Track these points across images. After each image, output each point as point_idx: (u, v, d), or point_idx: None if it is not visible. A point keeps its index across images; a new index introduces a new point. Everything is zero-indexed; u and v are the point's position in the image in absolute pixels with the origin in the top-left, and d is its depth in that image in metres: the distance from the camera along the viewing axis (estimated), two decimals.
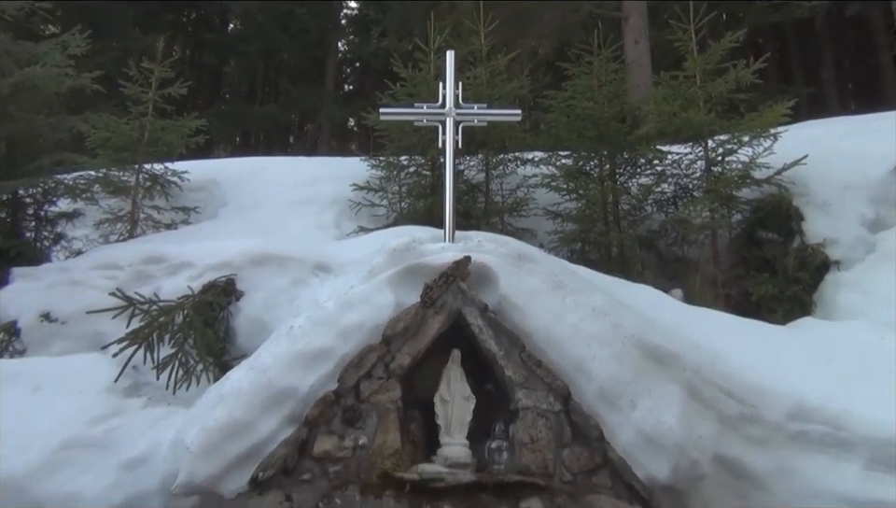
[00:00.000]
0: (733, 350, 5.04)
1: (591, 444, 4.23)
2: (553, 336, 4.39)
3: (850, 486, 4.46)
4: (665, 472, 4.16)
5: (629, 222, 7.83)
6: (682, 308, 5.89)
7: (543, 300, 4.50)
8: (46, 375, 5.18)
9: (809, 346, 5.57)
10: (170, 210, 8.56)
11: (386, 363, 4.29)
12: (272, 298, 5.69)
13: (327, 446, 4.11)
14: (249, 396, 4.11)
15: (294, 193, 8.88)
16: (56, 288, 6.20)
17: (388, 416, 4.19)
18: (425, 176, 8.50)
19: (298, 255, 5.99)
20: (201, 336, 5.23)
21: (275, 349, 4.35)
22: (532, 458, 4.17)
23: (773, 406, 4.67)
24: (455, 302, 4.43)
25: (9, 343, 5.95)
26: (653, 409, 4.22)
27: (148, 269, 6.17)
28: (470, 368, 4.56)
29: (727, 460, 4.46)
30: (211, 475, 3.98)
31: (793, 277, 6.71)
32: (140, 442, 4.57)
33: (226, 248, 6.11)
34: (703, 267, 7.28)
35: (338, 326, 4.36)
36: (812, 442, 4.65)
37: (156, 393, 5.24)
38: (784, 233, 7.17)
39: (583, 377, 4.30)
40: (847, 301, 6.38)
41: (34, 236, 7.66)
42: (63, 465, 4.49)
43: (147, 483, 4.37)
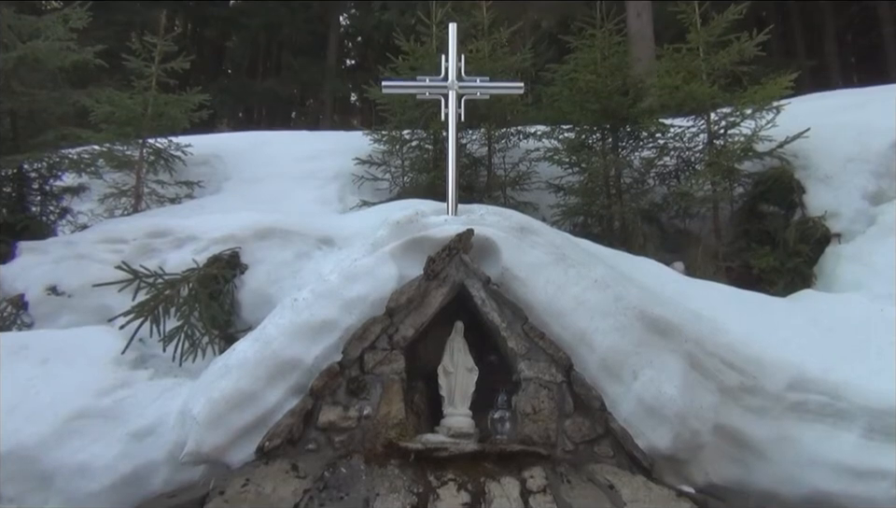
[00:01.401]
0: (733, 322, 5.08)
1: (593, 414, 4.29)
2: (555, 308, 4.43)
3: (848, 454, 4.52)
4: (666, 441, 4.22)
5: (631, 196, 7.83)
6: (684, 280, 5.92)
7: (546, 272, 4.54)
8: (54, 348, 5.23)
9: (809, 318, 5.60)
10: (174, 184, 8.57)
11: (390, 335, 4.33)
12: (275, 271, 5.73)
13: (332, 417, 4.16)
14: (254, 367, 4.16)
15: (297, 168, 8.89)
16: (62, 261, 6.24)
17: (392, 387, 4.25)
18: (427, 150, 8.51)
19: (301, 228, 6.01)
20: (206, 309, 5.27)
21: (280, 321, 4.39)
22: (534, 428, 4.23)
23: (773, 377, 4.72)
24: (457, 274, 4.47)
25: (17, 316, 6.01)
26: (655, 380, 4.28)
27: (153, 243, 6.20)
28: (473, 340, 4.61)
29: (727, 430, 4.51)
30: (218, 445, 4.04)
31: (794, 250, 6.73)
32: (147, 412, 4.63)
33: (230, 222, 6.14)
34: (704, 240, 7.31)
35: (342, 298, 4.40)
36: (811, 412, 4.70)
37: (162, 365, 5.30)
38: (785, 206, 7.18)
39: (585, 348, 4.35)
40: (848, 273, 6.41)
41: (39, 211, 7.69)
42: (73, 435, 4.55)
43: (154, 453, 4.44)
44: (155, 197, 8.36)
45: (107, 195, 8.19)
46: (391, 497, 3.68)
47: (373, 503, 3.64)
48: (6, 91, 7.23)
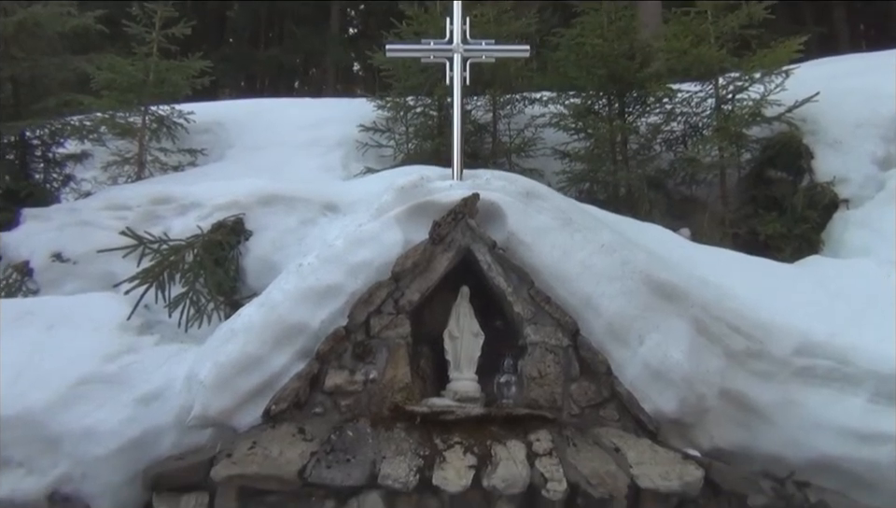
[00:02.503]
0: (740, 287, 5.06)
1: (599, 378, 4.29)
2: (561, 273, 4.41)
3: (854, 418, 4.53)
4: (671, 405, 4.23)
5: (637, 162, 7.76)
6: (690, 246, 5.89)
7: (552, 236, 4.51)
8: (59, 314, 5.23)
9: (816, 284, 5.58)
10: (177, 152, 8.52)
11: (396, 300, 4.32)
12: (280, 238, 5.71)
13: (338, 380, 4.17)
14: (260, 331, 4.16)
15: (301, 135, 8.82)
16: (67, 228, 6.22)
17: (398, 352, 4.25)
18: (432, 116, 8.43)
19: (306, 195, 5.98)
20: (211, 275, 5.26)
21: (285, 286, 4.38)
22: (540, 392, 4.24)
23: (779, 342, 4.71)
24: (463, 239, 4.44)
25: (22, 282, 6.00)
26: (661, 344, 4.27)
27: (157, 209, 6.18)
28: (479, 305, 4.60)
29: (733, 394, 4.51)
30: (225, 409, 4.05)
31: (802, 216, 6.68)
32: (154, 377, 4.64)
33: (234, 189, 6.11)
34: (711, 206, 7.26)
35: (347, 263, 4.38)
36: (817, 376, 4.70)
37: (168, 331, 5.30)
38: (793, 172, 7.11)
39: (592, 313, 4.34)
40: (856, 239, 6.37)
41: (43, 178, 7.65)
42: (80, 400, 4.56)
43: (162, 417, 4.45)
44: (158, 165, 8.32)
45: (110, 163, 8.15)
46: (397, 459, 3.70)
47: (380, 466, 3.65)
48: (6, 57, 7.16)
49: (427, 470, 3.66)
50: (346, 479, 3.61)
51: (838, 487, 4.57)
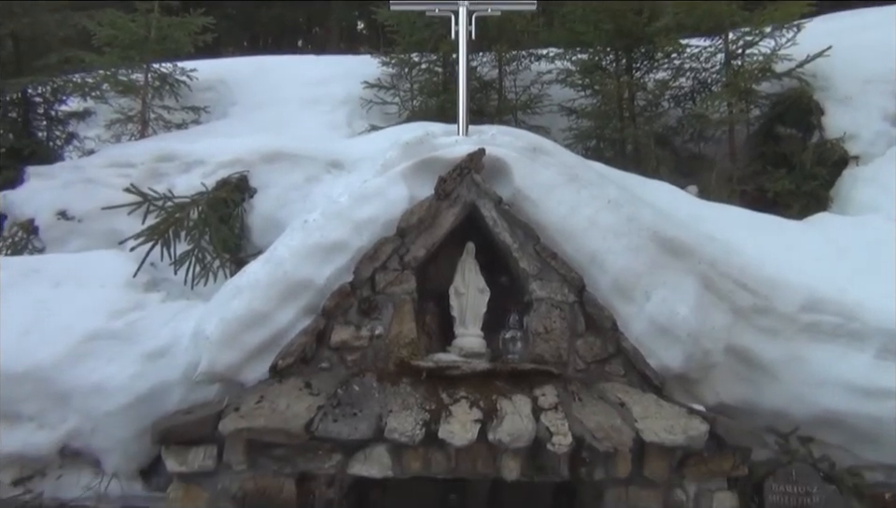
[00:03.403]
0: (747, 244, 5.03)
1: (604, 334, 4.28)
2: (567, 228, 4.38)
3: (860, 374, 4.53)
4: (677, 361, 4.23)
5: (645, 119, 7.69)
6: (697, 203, 5.86)
7: (558, 192, 4.47)
8: (65, 271, 5.25)
9: (824, 240, 5.56)
10: (180, 110, 8.47)
11: (401, 256, 4.30)
12: (284, 195, 5.69)
13: (344, 336, 4.18)
14: (266, 288, 4.16)
15: (304, 92, 8.75)
16: (71, 186, 6.20)
17: (404, 307, 4.24)
18: (437, 73, 8.35)
19: (310, 152, 5.95)
20: (216, 232, 5.25)
21: (290, 243, 4.37)
22: (546, 347, 4.23)
23: (786, 298, 4.69)
24: (469, 194, 4.41)
25: (28, 240, 6.01)
26: (667, 300, 4.25)
27: (161, 167, 6.16)
28: (485, 261, 4.58)
29: (739, 350, 4.51)
30: (231, 364, 4.07)
31: (811, 173, 6.63)
32: (161, 334, 4.66)
33: (237, 146, 6.09)
34: (719, 164, 7.19)
35: (352, 219, 4.35)
36: (824, 332, 4.70)
37: (174, 289, 5.32)
38: (803, 128, 7.04)
39: (598, 269, 4.32)
40: (865, 196, 6.32)
41: (46, 136, 7.62)
42: (88, 356, 4.59)
43: (169, 373, 4.48)
44: (161, 123, 8.28)
45: (114, 121, 8.11)
46: (404, 413, 3.71)
47: (386, 420, 3.66)
48: (6, 13, 7.08)
49: (433, 424, 3.67)
50: (353, 433, 3.63)
51: (842, 442, 4.60)
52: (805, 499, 4.38)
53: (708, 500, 3.86)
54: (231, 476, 3.72)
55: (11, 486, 4.58)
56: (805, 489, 4.40)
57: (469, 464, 3.80)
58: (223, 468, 3.74)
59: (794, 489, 4.40)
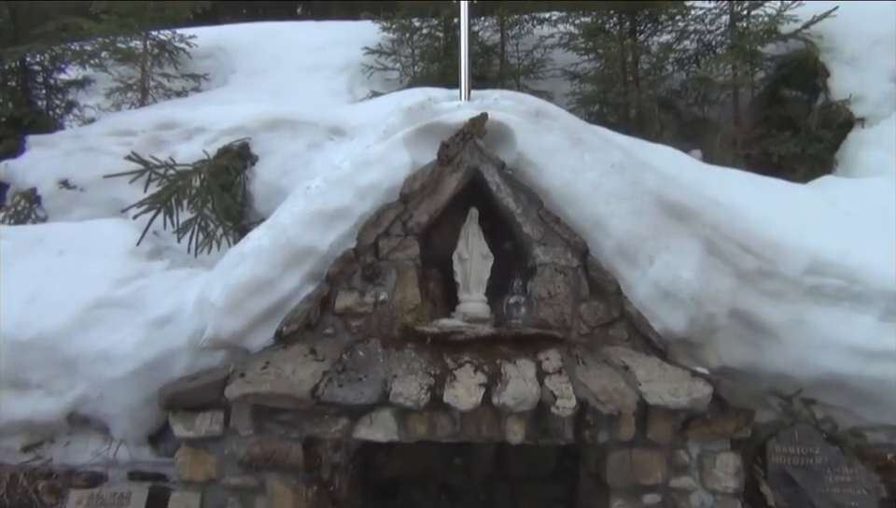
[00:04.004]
0: (751, 207, 5.02)
1: (608, 298, 4.28)
2: (571, 193, 4.35)
3: (864, 336, 4.55)
4: (681, 324, 4.24)
5: (648, 82, 7.61)
6: (701, 167, 5.82)
7: (561, 157, 4.44)
8: (69, 240, 5.26)
9: (829, 203, 5.53)
10: (179, 78, 8.40)
11: (404, 221, 4.29)
12: (286, 162, 5.66)
13: (348, 302, 4.18)
14: (270, 254, 4.16)
15: (305, 58, 8.67)
16: (72, 155, 6.19)
17: (407, 273, 4.24)
18: (438, 38, 8.26)
19: (311, 118, 5.90)
20: (219, 200, 5.24)
21: (293, 209, 4.36)
22: (550, 312, 4.24)
23: (790, 261, 4.70)
24: (472, 159, 4.38)
25: (31, 210, 6.02)
26: (671, 264, 4.25)
27: (162, 134, 6.12)
28: (488, 227, 4.56)
29: (742, 313, 4.53)
30: (236, 331, 4.09)
31: (816, 135, 6.59)
32: (166, 301, 4.68)
33: (239, 113, 6.04)
34: (723, 127, 7.14)
35: (355, 186, 4.33)
36: (827, 295, 4.71)
37: (178, 257, 5.33)
38: (809, 90, 6.98)
39: (601, 233, 4.30)
40: (870, 158, 6.28)
41: (45, 105, 7.59)
42: (94, 324, 4.62)
43: (174, 340, 4.51)
44: (161, 91, 8.22)
45: (113, 89, 8.06)
46: (408, 378, 3.73)
47: (391, 384, 3.68)
48: None
49: (437, 388, 3.69)
50: (358, 397, 3.65)
51: (844, 404, 4.63)
52: (807, 460, 4.42)
53: (711, 461, 3.88)
54: (238, 441, 3.75)
55: (21, 452, 4.65)
56: (807, 450, 4.44)
57: (474, 428, 3.82)
58: (230, 433, 3.76)
59: (797, 450, 4.44)
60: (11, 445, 4.66)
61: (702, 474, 3.90)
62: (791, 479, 4.38)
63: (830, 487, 4.35)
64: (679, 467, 3.89)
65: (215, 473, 3.76)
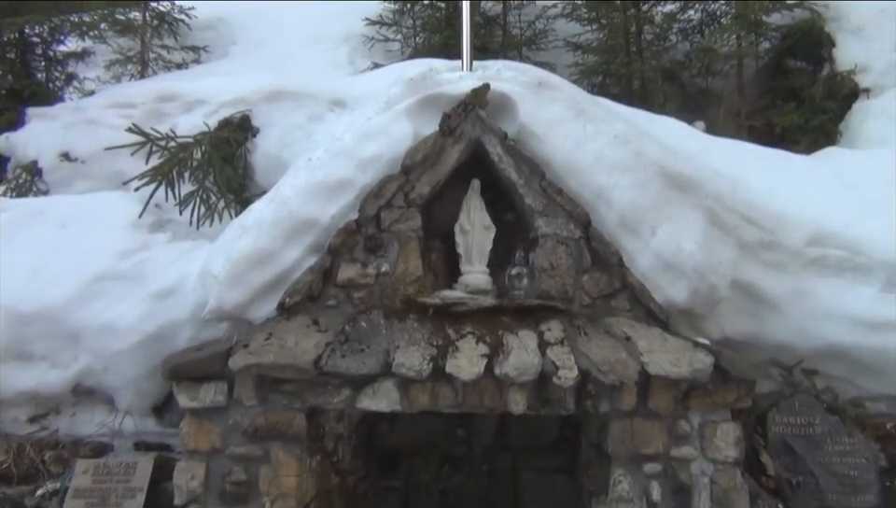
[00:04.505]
0: (754, 178, 5.01)
1: (610, 269, 4.28)
2: (573, 164, 4.33)
3: (865, 307, 4.55)
4: (683, 295, 4.23)
5: (652, 53, 7.57)
6: (705, 138, 5.80)
7: (564, 128, 4.40)
8: (71, 213, 5.26)
9: (832, 175, 5.51)
10: (179, 49, 8.37)
11: (406, 193, 4.28)
12: (288, 134, 5.64)
13: (350, 274, 4.19)
14: (271, 226, 4.15)
15: (305, 30, 8.60)
16: (73, 127, 6.16)
17: (409, 245, 4.24)
18: (439, 8, 8.20)
19: (312, 90, 5.87)
20: (220, 172, 5.22)
21: (295, 181, 4.34)
22: (552, 283, 4.24)
23: (792, 232, 4.69)
24: (474, 130, 4.35)
25: (32, 183, 6.01)
26: (673, 235, 4.24)
27: (163, 107, 6.10)
28: (490, 198, 4.55)
29: (744, 285, 4.52)
30: (239, 302, 4.10)
31: (820, 106, 6.54)
32: (168, 273, 4.69)
33: (239, 85, 6.01)
34: (727, 98, 7.10)
35: (356, 157, 4.31)
36: (830, 266, 4.71)
37: (180, 229, 5.33)
38: (813, 61, 6.93)
39: (604, 205, 4.29)
40: (875, 129, 6.25)
41: (45, 77, 7.55)
42: (97, 296, 4.63)
43: (178, 312, 4.52)
44: (161, 63, 8.18)
45: (113, 62, 8.03)
46: (411, 349, 3.74)
47: (393, 355, 3.70)
48: None
49: (440, 359, 3.70)
50: (361, 368, 3.67)
51: (845, 374, 4.66)
52: (807, 429, 4.46)
53: (712, 430, 3.90)
54: (242, 411, 3.78)
55: (27, 423, 4.69)
56: (807, 420, 4.47)
57: (476, 398, 3.85)
58: (234, 403, 3.79)
59: (797, 420, 4.47)
60: (17, 416, 4.70)
61: (703, 444, 3.92)
62: (791, 448, 4.41)
63: (829, 457, 4.39)
64: (679, 436, 3.91)
65: (219, 443, 3.79)
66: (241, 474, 3.76)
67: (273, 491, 3.75)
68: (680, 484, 3.88)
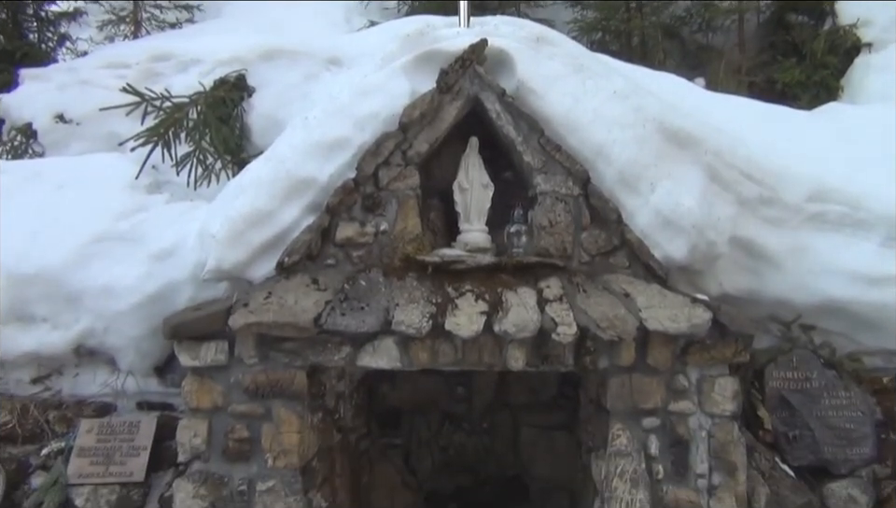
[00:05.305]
0: (755, 134, 4.97)
1: (609, 226, 4.28)
2: (572, 121, 4.29)
3: (865, 262, 4.56)
4: (682, 252, 4.23)
5: (652, 8, 7.47)
6: (705, 94, 5.76)
7: (563, 84, 4.36)
8: (67, 174, 5.23)
9: (833, 130, 5.48)
10: (172, 8, 8.24)
11: (404, 151, 4.25)
12: (284, 93, 5.60)
13: (349, 233, 4.18)
14: (269, 186, 4.13)
15: None
16: (67, 88, 6.10)
17: (408, 203, 4.22)
18: None
19: (308, 49, 5.81)
20: (216, 132, 5.19)
21: (292, 140, 4.31)
22: (551, 240, 4.23)
23: (792, 188, 4.67)
24: (471, 87, 4.31)
25: (28, 144, 5.97)
26: (673, 191, 4.22)
27: (157, 67, 6.03)
28: (489, 156, 4.52)
29: (743, 241, 4.51)
30: (238, 262, 4.09)
31: (822, 62, 6.49)
32: (167, 234, 4.68)
33: (234, 44, 5.95)
34: (727, 55, 7.02)
35: (353, 115, 4.27)
36: (829, 222, 4.70)
37: (177, 191, 5.31)
38: (815, 15, 6.85)
39: (603, 161, 4.26)
40: (876, 84, 6.20)
41: (37, 38, 7.45)
42: (96, 258, 4.63)
43: (177, 272, 4.53)
44: (154, 22, 8.09)
45: (106, 22, 7.93)
46: (410, 307, 3.75)
47: (393, 313, 3.70)
48: None
49: (439, 316, 3.71)
50: (361, 326, 3.68)
51: (843, 329, 4.67)
52: (804, 384, 4.49)
53: (710, 385, 3.93)
54: (243, 369, 3.80)
55: (31, 384, 4.73)
56: (804, 375, 4.50)
57: (476, 355, 3.86)
58: (235, 362, 3.81)
59: (794, 375, 4.50)
60: (21, 378, 4.74)
61: (700, 398, 3.95)
62: (788, 403, 4.45)
63: (826, 410, 4.43)
64: (678, 391, 3.94)
65: (221, 401, 3.82)
66: (243, 431, 3.80)
67: (275, 448, 3.79)
68: (678, 437, 3.92)
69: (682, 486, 3.92)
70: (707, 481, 3.94)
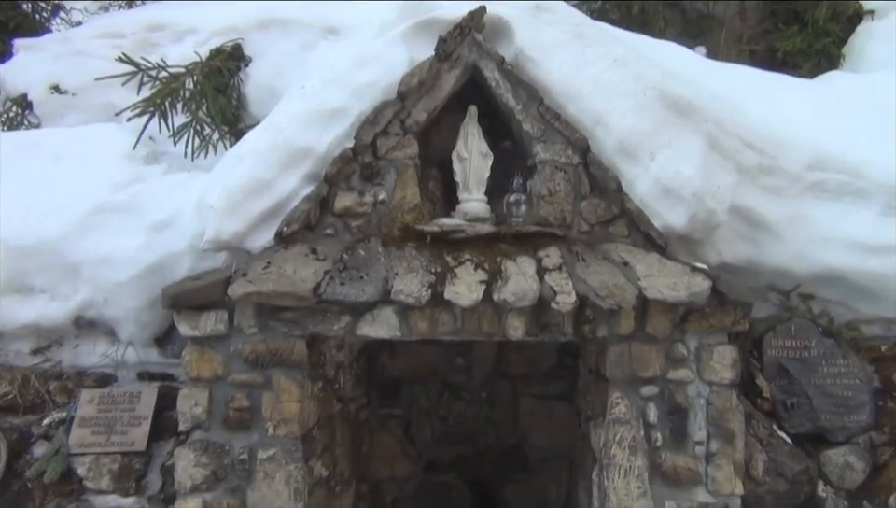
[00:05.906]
0: (755, 103, 4.93)
1: (609, 195, 4.27)
2: (572, 89, 4.26)
3: (864, 231, 4.55)
4: (681, 221, 4.21)
5: None
6: (705, 63, 5.71)
7: (562, 52, 4.32)
8: (64, 145, 5.20)
9: (833, 99, 5.44)
10: None
11: (402, 120, 4.22)
12: (280, 63, 5.56)
13: (347, 202, 4.17)
14: (267, 156, 4.10)
15: None
16: (62, 58, 6.04)
17: (406, 172, 4.20)
18: None
19: (305, 17, 5.75)
20: (213, 102, 5.16)
21: (289, 110, 4.28)
22: (550, 209, 4.22)
23: (792, 156, 4.65)
24: (470, 55, 4.27)
25: (23, 116, 5.93)
26: (673, 160, 4.19)
27: (152, 36, 5.97)
28: (488, 125, 4.50)
29: (743, 210, 4.50)
30: (237, 232, 4.08)
31: (823, 30, 6.43)
32: (165, 205, 4.66)
33: (230, 12, 5.88)
34: (728, 23, 6.96)
35: (351, 84, 4.23)
36: (829, 190, 4.69)
37: (175, 161, 5.29)
38: None
39: (602, 130, 4.24)
40: (878, 52, 6.15)
41: (31, 7, 7.37)
42: (94, 229, 4.62)
43: (176, 243, 4.52)
44: None
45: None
46: (409, 276, 3.75)
47: (392, 282, 3.70)
48: None
49: (438, 285, 3.71)
50: (360, 295, 3.68)
51: (842, 298, 4.68)
52: (802, 352, 4.50)
53: (709, 353, 3.94)
54: (242, 339, 3.80)
55: (31, 355, 4.74)
56: (803, 343, 4.52)
57: (475, 324, 3.86)
58: (235, 331, 3.81)
59: (793, 344, 4.52)
60: (21, 349, 4.74)
61: (699, 366, 3.97)
62: (787, 371, 4.47)
63: (824, 378, 4.45)
64: (676, 359, 3.95)
65: (221, 371, 3.83)
66: (243, 400, 3.81)
67: (275, 416, 3.80)
68: (677, 405, 3.94)
69: (680, 453, 3.95)
70: (705, 448, 3.96)
